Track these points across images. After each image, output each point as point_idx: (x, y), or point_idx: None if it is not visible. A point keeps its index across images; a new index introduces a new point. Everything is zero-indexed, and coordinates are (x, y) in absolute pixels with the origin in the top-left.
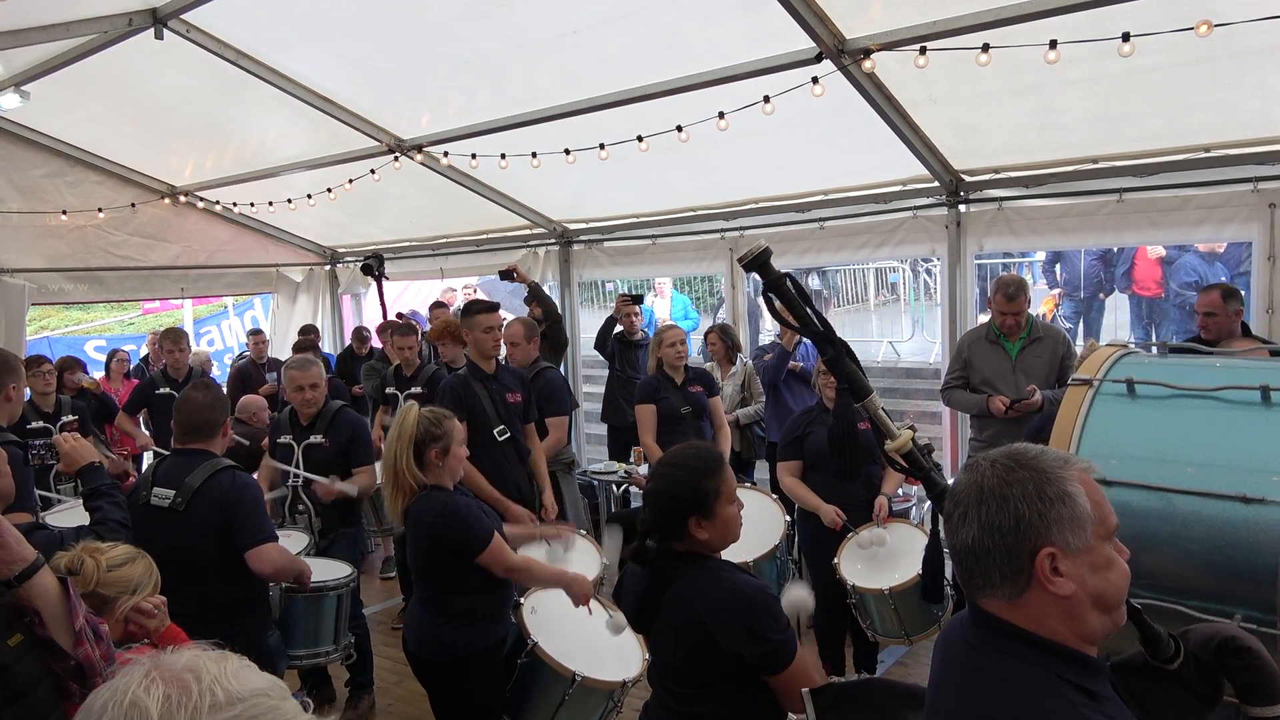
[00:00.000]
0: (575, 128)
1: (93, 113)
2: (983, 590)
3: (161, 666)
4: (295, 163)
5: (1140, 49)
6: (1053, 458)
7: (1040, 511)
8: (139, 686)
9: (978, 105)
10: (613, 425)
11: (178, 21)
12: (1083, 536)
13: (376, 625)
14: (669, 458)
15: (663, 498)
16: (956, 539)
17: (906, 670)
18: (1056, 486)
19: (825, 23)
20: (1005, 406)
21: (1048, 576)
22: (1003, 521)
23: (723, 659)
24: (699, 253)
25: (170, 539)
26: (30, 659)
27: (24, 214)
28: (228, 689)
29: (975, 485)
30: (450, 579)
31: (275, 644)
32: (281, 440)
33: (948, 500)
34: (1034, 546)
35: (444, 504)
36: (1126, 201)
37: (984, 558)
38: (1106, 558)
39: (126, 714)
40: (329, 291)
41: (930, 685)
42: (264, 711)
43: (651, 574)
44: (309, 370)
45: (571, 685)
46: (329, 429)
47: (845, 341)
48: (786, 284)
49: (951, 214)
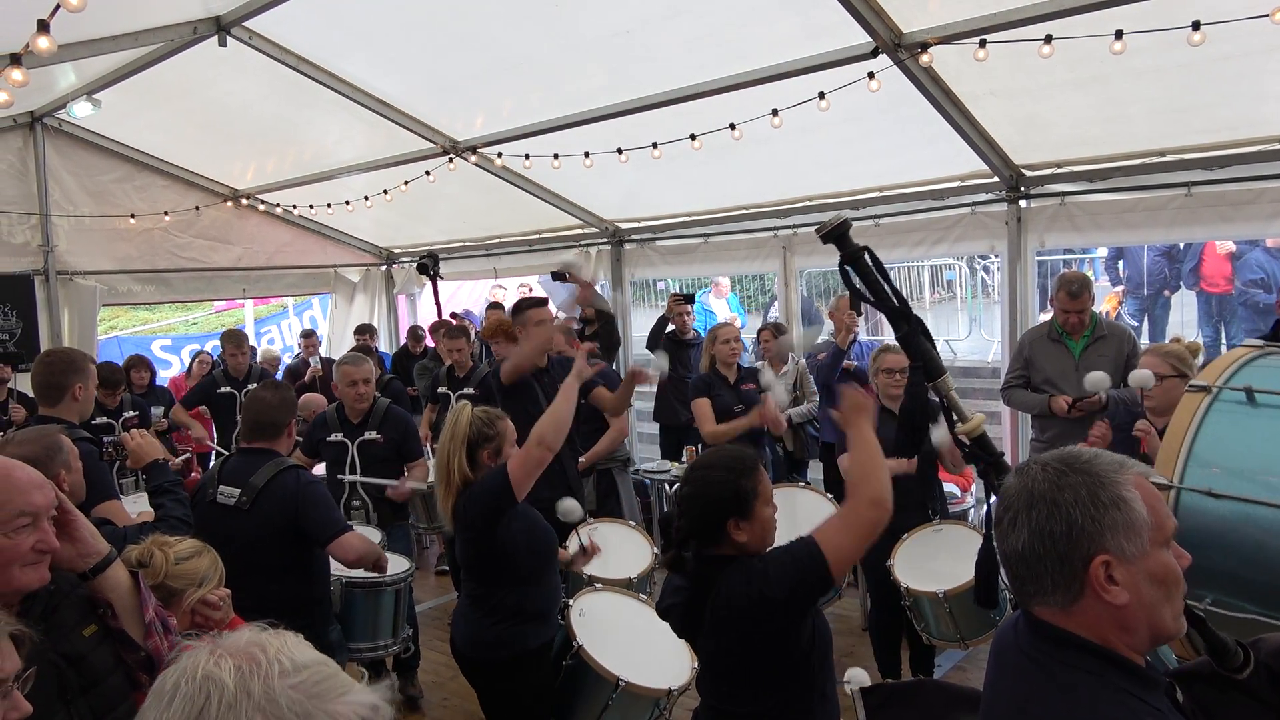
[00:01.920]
0: (628, 127)
1: (159, 119)
2: (1035, 597)
3: (227, 644)
4: (352, 165)
5: (1211, 37)
6: (1107, 461)
7: (1094, 517)
8: (208, 662)
9: (1039, 98)
10: (665, 424)
11: (240, 29)
12: (1139, 543)
13: (431, 621)
14: (702, 460)
15: (699, 501)
16: (1006, 545)
17: (965, 674)
18: (1111, 491)
19: (882, 17)
20: (1068, 406)
21: (1103, 585)
22: (1054, 527)
23: (777, 634)
24: (751, 251)
25: (234, 537)
26: (103, 649)
27: (95, 218)
28: (292, 658)
29: (1025, 489)
30: (492, 576)
31: (337, 638)
32: (332, 439)
33: (997, 504)
34: (1088, 554)
35: (473, 493)
36: (1195, 195)
37: (1035, 564)
38: (1164, 564)
39: (201, 687)
40: (385, 291)
41: (985, 690)
42: (327, 676)
43: (693, 582)
44: (361, 366)
45: (616, 691)
46: (382, 425)
47: (921, 319)
48: (865, 258)
49: (1012, 209)
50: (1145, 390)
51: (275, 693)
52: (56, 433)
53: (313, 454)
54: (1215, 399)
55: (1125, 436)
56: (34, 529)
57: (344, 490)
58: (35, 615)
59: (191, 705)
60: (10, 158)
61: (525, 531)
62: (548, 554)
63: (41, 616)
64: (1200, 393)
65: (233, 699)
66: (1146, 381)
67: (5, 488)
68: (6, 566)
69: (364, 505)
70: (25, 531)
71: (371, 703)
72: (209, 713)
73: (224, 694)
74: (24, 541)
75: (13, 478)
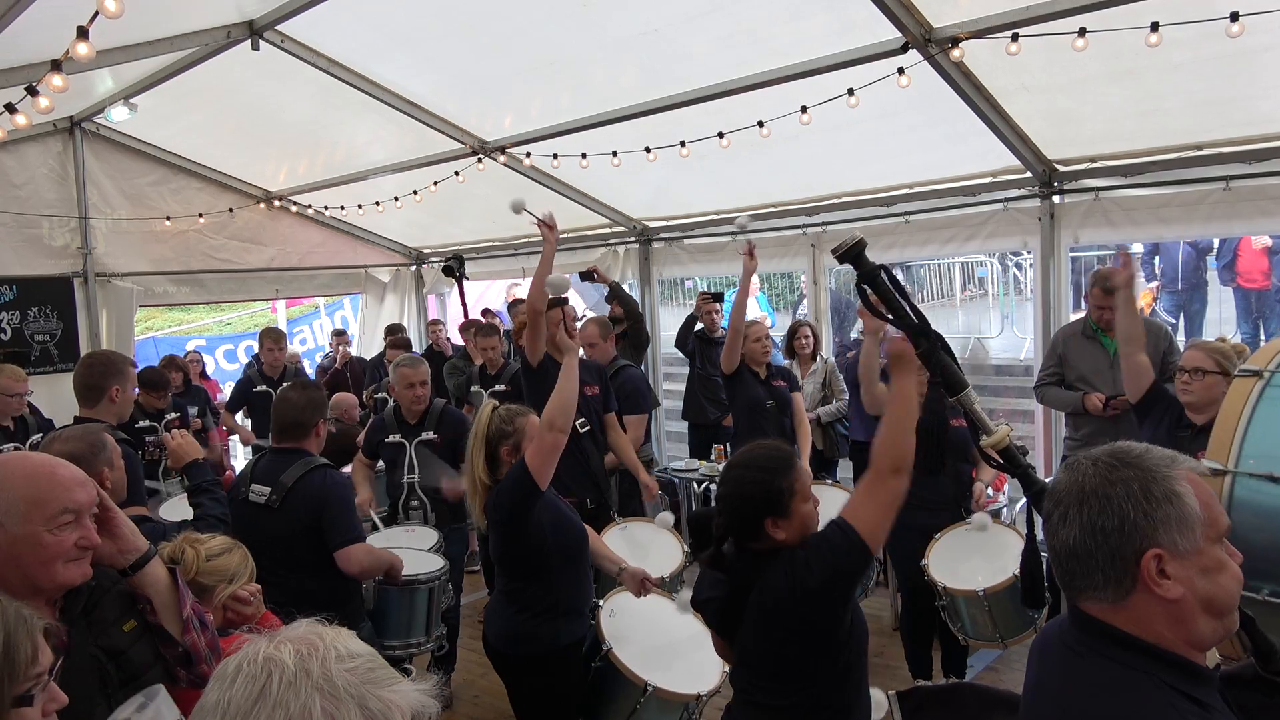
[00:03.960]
0: (656, 126)
1: (194, 123)
2: (1085, 592)
3: (283, 633)
4: (383, 166)
5: (1250, 28)
6: (1159, 456)
7: (1146, 512)
8: (269, 647)
9: (1073, 92)
10: (693, 423)
11: (273, 33)
12: (1191, 538)
13: (462, 619)
14: (738, 459)
15: (736, 500)
16: (1057, 539)
17: (998, 676)
18: (1163, 486)
19: (912, 12)
20: (1102, 404)
21: (1154, 579)
22: (1106, 522)
23: (816, 614)
24: (780, 249)
25: (266, 534)
26: (142, 644)
27: (132, 220)
28: (347, 646)
29: (1077, 484)
30: (523, 571)
31: (368, 636)
32: (390, 440)
33: (1047, 500)
34: (1139, 548)
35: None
36: (1234, 189)
37: (1086, 559)
38: (1217, 560)
39: (263, 667)
40: (415, 291)
41: (1026, 690)
42: (379, 666)
43: (732, 576)
44: (419, 368)
45: (644, 695)
46: (439, 425)
47: (941, 334)
48: (881, 277)
49: (1045, 205)
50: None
51: (333, 674)
52: (101, 431)
53: (373, 456)
54: (1268, 384)
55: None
56: (76, 526)
57: (402, 490)
58: (77, 610)
59: (254, 684)
60: (51, 162)
61: (553, 524)
62: (577, 547)
63: (83, 611)
64: (1252, 377)
65: (293, 677)
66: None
67: (49, 485)
68: (50, 562)
69: (422, 506)
70: (68, 528)
71: (421, 700)
72: (270, 689)
73: (284, 672)
74: (67, 538)
75: (57, 475)
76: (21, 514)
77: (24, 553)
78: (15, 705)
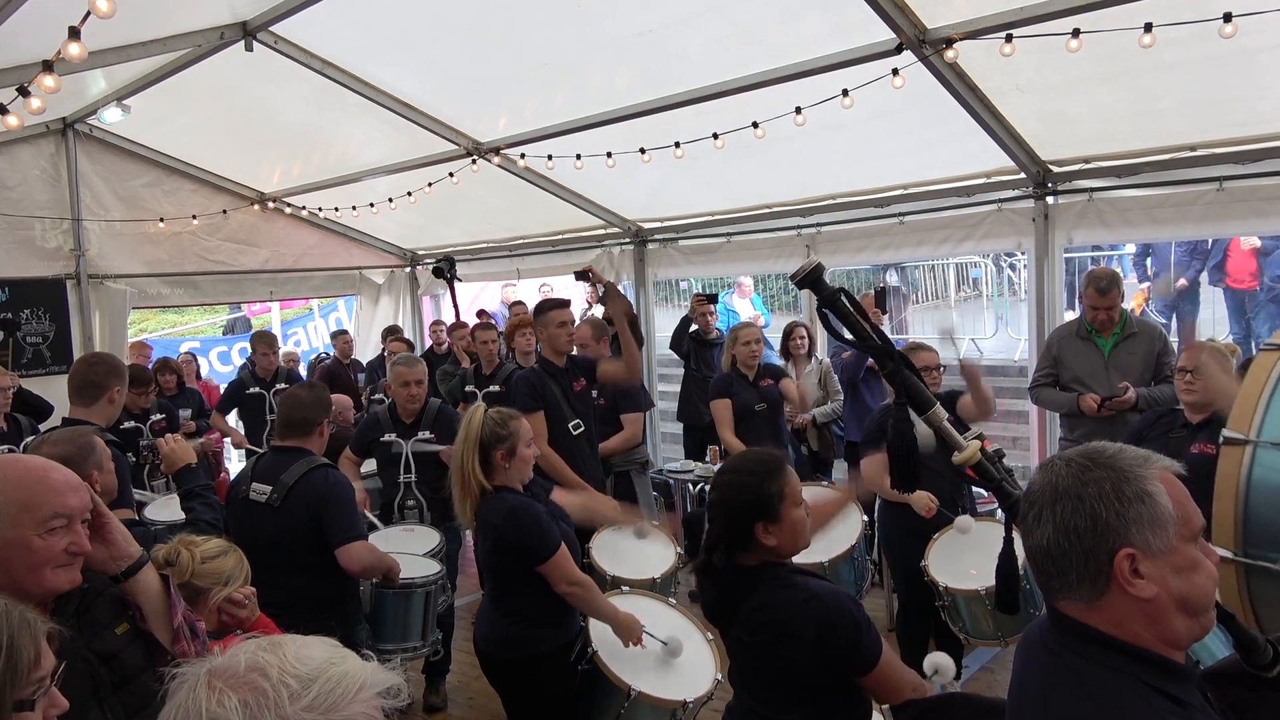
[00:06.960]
0: (651, 127)
1: (187, 124)
2: (1060, 593)
3: (224, 674)
4: (377, 168)
5: (1244, 29)
6: (1131, 456)
7: (1118, 511)
8: (211, 701)
9: (1067, 93)
10: (688, 424)
11: (266, 34)
12: (1164, 537)
13: (457, 620)
14: (729, 465)
15: (726, 506)
16: (1032, 540)
17: (993, 675)
18: (1135, 485)
19: (906, 13)
20: (1097, 405)
21: (1127, 579)
22: (1079, 522)
23: (806, 669)
24: (775, 250)
25: (266, 533)
26: (135, 648)
27: (125, 222)
28: (298, 674)
29: (1050, 485)
30: (510, 581)
31: (364, 639)
32: (385, 439)
33: (1023, 500)
34: (1112, 547)
35: (512, 507)
36: (1227, 190)
37: (1060, 559)
38: (1191, 559)
39: None
40: (409, 293)
41: (1010, 691)
42: (337, 681)
43: (722, 588)
44: (415, 367)
45: (628, 699)
46: (435, 424)
47: (905, 355)
48: (842, 300)
49: (1039, 206)
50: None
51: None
52: (90, 433)
53: (363, 454)
54: None
55: (1157, 436)
56: (68, 531)
57: (398, 490)
58: (68, 613)
59: None
60: (43, 163)
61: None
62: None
63: (75, 614)
64: (1274, 351)
65: None
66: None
67: (41, 489)
68: (39, 568)
69: (418, 505)
70: (59, 533)
71: (385, 688)
72: None
73: None
74: (57, 543)
75: (49, 479)
76: (11, 517)
77: (12, 557)
78: (17, 710)
